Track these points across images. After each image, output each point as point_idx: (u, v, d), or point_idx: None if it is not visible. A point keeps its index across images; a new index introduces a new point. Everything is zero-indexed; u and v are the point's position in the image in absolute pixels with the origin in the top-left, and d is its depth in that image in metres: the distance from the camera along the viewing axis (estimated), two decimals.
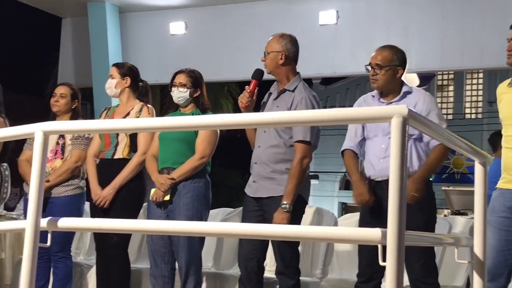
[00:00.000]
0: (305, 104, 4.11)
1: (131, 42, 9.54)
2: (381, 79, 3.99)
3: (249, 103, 4.19)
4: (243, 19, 8.89)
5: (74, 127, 3.12)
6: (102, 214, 4.54)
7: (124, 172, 4.64)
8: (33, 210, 2.62)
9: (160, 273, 4.54)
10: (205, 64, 8.58)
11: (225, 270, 5.35)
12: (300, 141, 4.09)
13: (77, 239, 5.97)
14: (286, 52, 4.20)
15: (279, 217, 3.97)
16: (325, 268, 5.11)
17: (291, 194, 4.00)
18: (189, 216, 4.39)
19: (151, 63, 9.22)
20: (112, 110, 4.95)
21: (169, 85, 4.67)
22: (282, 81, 4.25)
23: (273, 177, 4.14)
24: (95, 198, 4.64)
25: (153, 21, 9.48)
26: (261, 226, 2.76)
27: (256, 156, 4.24)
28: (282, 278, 4.16)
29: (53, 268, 4.97)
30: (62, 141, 4.98)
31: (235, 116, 2.71)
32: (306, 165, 4.08)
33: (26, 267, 2.61)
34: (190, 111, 4.61)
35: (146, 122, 3.14)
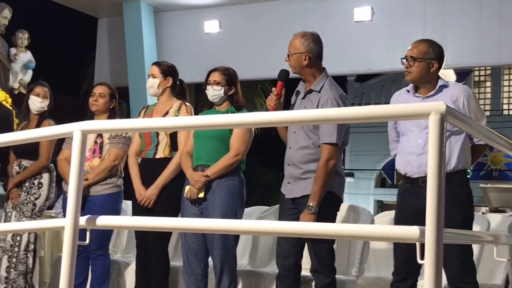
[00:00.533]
0: (330, 104, 4.07)
1: (166, 41, 9.60)
2: (414, 71, 3.93)
3: (277, 105, 4.17)
4: (277, 17, 8.88)
5: (111, 126, 3.15)
6: (145, 213, 4.57)
7: (166, 171, 4.67)
8: (72, 208, 2.66)
9: (193, 271, 4.55)
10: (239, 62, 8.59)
11: (261, 268, 5.35)
12: (327, 143, 4.07)
13: (115, 237, 6.02)
14: (309, 53, 4.15)
15: (305, 218, 3.97)
16: (361, 267, 5.07)
17: (317, 196, 3.99)
18: (223, 214, 4.40)
19: (185, 62, 9.26)
20: (151, 109, 4.97)
21: (203, 83, 4.68)
22: (308, 80, 4.23)
23: (305, 177, 4.13)
24: (140, 198, 4.68)
25: (187, 20, 9.53)
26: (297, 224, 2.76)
27: (288, 157, 4.25)
28: (317, 276, 4.15)
29: (91, 266, 5.02)
30: (100, 140, 5.03)
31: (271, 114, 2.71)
32: (332, 167, 4.05)
33: (66, 264, 2.65)
34: (224, 109, 4.62)
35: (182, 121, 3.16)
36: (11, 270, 5.13)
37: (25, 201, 5.21)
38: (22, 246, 5.17)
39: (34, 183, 5.25)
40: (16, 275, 5.13)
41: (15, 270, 5.13)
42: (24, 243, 5.18)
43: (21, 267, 5.16)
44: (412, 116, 2.18)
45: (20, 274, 5.14)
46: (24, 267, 5.17)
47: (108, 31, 10.23)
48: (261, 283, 5.05)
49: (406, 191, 4.02)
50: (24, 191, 5.24)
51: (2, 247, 5.18)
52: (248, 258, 5.50)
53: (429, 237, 2.02)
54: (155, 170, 4.70)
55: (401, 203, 4.07)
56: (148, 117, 4.88)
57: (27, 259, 5.19)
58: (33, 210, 5.20)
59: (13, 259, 5.15)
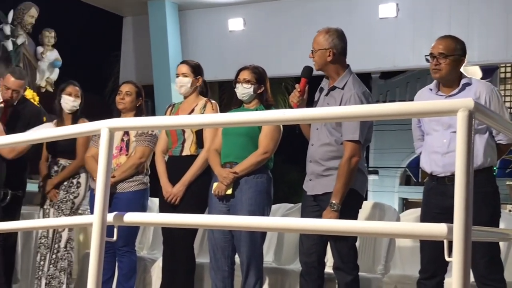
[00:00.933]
0: (353, 101, 4.04)
1: (190, 39, 9.64)
2: (445, 68, 3.87)
3: (300, 102, 4.16)
4: (301, 14, 8.87)
5: (138, 124, 3.17)
6: (172, 210, 4.59)
7: (192, 168, 4.70)
8: (100, 205, 2.68)
9: (220, 268, 4.57)
10: (264, 59, 8.57)
11: (286, 265, 5.35)
12: (349, 140, 4.05)
13: (140, 234, 6.06)
14: (334, 49, 4.13)
15: (327, 216, 3.95)
16: (387, 264, 5.05)
17: (340, 193, 3.98)
18: (251, 211, 4.41)
19: (209, 59, 9.28)
20: (177, 106, 5.00)
21: (233, 81, 4.69)
22: (332, 77, 4.20)
23: (327, 174, 4.12)
24: (166, 195, 4.71)
25: (211, 18, 9.55)
26: (324, 221, 2.76)
27: (310, 154, 4.23)
28: (340, 274, 4.13)
29: (118, 263, 5.06)
30: (126, 137, 5.07)
31: (296, 111, 2.71)
32: (354, 164, 4.03)
33: (94, 260, 2.67)
34: (254, 107, 4.62)
35: (208, 118, 3.18)
36: (51, 266, 5.20)
37: (64, 199, 5.27)
38: (63, 243, 5.23)
39: (73, 182, 5.30)
40: (57, 271, 5.18)
41: (54, 266, 5.19)
42: (64, 239, 5.23)
43: (62, 263, 5.21)
44: (439, 113, 2.16)
45: (62, 270, 5.20)
46: (65, 263, 5.22)
47: (133, 29, 10.30)
48: (286, 280, 5.05)
49: (432, 189, 4.00)
50: (63, 189, 5.28)
51: (44, 244, 5.24)
52: (273, 255, 5.51)
53: (457, 234, 2.00)
54: (181, 168, 4.73)
55: (426, 201, 4.05)
56: (174, 115, 4.91)
57: (68, 256, 5.25)
58: (71, 208, 5.26)
59: (53, 255, 5.21)
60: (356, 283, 4.14)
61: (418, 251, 4.07)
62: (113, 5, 10.02)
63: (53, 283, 5.18)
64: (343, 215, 3.93)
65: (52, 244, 5.23)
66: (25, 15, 8.27)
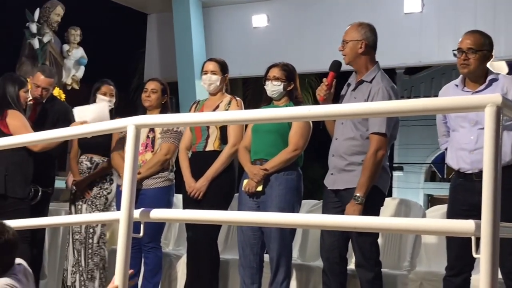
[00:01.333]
0: (381, 95, 4.02)
1: (214, 36, 9.65)
2: (474, 63, 3.84)
3: (327, 95, 4.15)
4: (325, 10, 8.83)
5: (164, 121, 3.19)
6: (195, 206, 4.62)
7: (216, 164, 4.71)
8: (127, 201, 2.71)
9: (249, 264, 4.58)
10: (287, 56, 8.54)
11: (310, 262, 5.35)
12: (375, 133, 4.02)
13: (165, 230, 6.09)
14: (366, 40, 4.13)
15: (351, 209, 3.93)
16: (413, 261, 5.02)
17: (364, 186, 3.95)
18: (280, 208, 4.41)
19: (233, 56, 9.27)
20: (201, 103, 5.02)
21: (263, 78, 4.69)
22: (360, 71, 4.18)
23: (350, 169, 4.10)
24: (189, 190, 4.73)
25: (235, 15, 9.55)
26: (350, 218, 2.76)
27: (334, 148, 4.21)
28: (361, 271, 4.11)
29: (144, 259, 5.10)
30: (152, 134, 5.10)
31: (322, 107, 2.71)
32: (380, 157, 4.01)
33: (120, 256, 2.70)
34: (283, 104, 4.62)
35: (233, 115, 3.19)
36: (88, 261, 5.24)
37: (98, 195, 5.31)
38: (96, 238, 5.27)
39: (106, 178, 5.36)
40: (91, 266, 5.23)
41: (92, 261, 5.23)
42: (97, 235, 5.28)
43: (95, 258, 5.26)
44: (467, 109, 2.15)
45: (95, 266, 5.25)
46: (98, 259, 5.27)
47: (158, 27, 10.33)
48: (311, 276, 5.05)
49: (459, 185, 3.97)
50: (96, 186, 5.33)
51: (79, 240, 5.28)
52: (298, 252, 5.51)
53: (485, 231, 1.99)
54: (205, 163, 4.75)
55: (453, 198, 4.02)
56: (199, 111, 4.92)
57: (101, 251, 5.29)
58: (105, 204, 5.30)
59: (89, 250, 5.26)
60: (378, 280, 4.11)
61: (444, 248, 4.05)
62: (138, 2, 10.06)
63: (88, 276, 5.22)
64: (365, 212, 3.92)
65: (87, 239, 5.28)
66: (51, 13, 8.34)
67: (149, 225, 4.49)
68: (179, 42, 9.45)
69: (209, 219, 2.99)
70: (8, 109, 4.90)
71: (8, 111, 4.87)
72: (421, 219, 4.12)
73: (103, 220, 4.55)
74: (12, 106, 4.92)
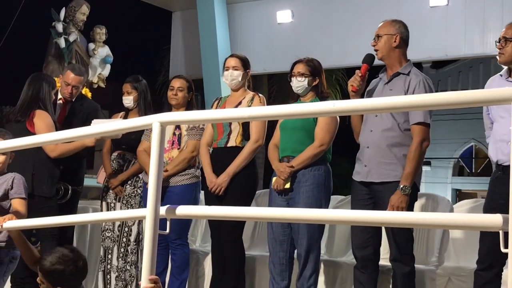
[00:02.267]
0: (423, 87, 4.05)
1: (238, 33, 9.65)
2: (507, 52, 3.86)
3: (360, 86, 4.16)
4: (350, 4, 8.79)
5: (189, 117, 3.19)
6: (217, 202, 4.62)
7: (238, 159, 4.71)
8: (153, 198, 2.71)
9: (278, 261, 4.59)
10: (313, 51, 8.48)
11: (338, 258, 5.33)
12: (419, 123, 4.01)
13: (192, 227, 6.11)
14: (400, 34, 4.15)
15: (398, 199, 3.91)
16: (441, 256, 4.98)
17: (410, 176, 3.95)
18: (308, 204, 4.41)
19: (258, 52, 9.29)
20: (224, 100, 5.02)
21: (288, 75, 4.69)
22: (393, 66, 4.17)
23: (387, 162, 4.07)
24: (210, 186, 4.73)
25: (260, 11, 9.55)
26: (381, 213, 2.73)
27: (369, 140, 4.17)
28: (397, 265, 4.10)
29: (171, 255, 5.11)
30: (178, 132, 5.11)
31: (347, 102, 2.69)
32: (425, 148, 4.04)
33: (147, 253, 2.71)
34: (309, 100, 4.62)
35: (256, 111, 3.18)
36: (119, 259, 5.26)
37: (132, 194, 5.31)
38: (133, 237, 5.30)
39: (139, 176, 5.34)
40: (127, 264, 5.25)
41: (123, 260, 5.25)
42: (134, 233, 5.30)
43: (133, 257, 5.27)
44: (493, 102, 2.12)
45: (132, 264, 5.27)
46: (135, 257, 5.29)
47: (182, 24, 10.37)
48: (339, 272, 5.03)
49: (497, 178, 3.92)
50: (129, 184, 5.32)
51: (110, 237, 5.31)
52: (325, 248, 5.49)
53: None
54: (226, 159, 4.74)
55: (491, 191, 3.99)
56: (221, 108, 4.92)
57: (138, 249, 5.32)
58: (140, 202, 5.32)
59: (121, 249, 5.27)
60: (413, 274, 4.12)
61: (472, 242, 4.01)
62: (162, 0, 10.11)
63: (123, 276, 5.23)
64: None
65: (120, 238, 5.29)
66: (77, 12, 8.41)
67: (176, 222, 4.53)
68: (203, 39, 9.48)
69: (236, 215, 2.99)
70: (37, 109, 4.94)
71: (36, 111, 4.92)
72: (448, 213, 4.09)
73: (130, 217, 4.58)
74: (41, 107, 4.96)
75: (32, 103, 4.96)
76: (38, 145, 4.07)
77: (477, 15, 7.91)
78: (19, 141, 3.62)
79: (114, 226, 5.28)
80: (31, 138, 3.81)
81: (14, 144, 3.70)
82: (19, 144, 3.61)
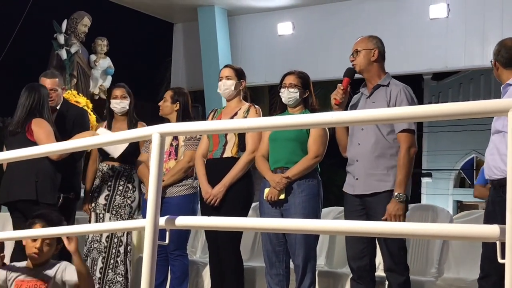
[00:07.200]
0: (404, 94, 4.13)
1: (240, 44, 9.70)
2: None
3: (343, 99, 4.24)
4: (351, 17, 8.83)
5: (189, 128, 3.20)
6: (213, 213, 4.61)
7: (233, 170, 4.71)
8: (152, 209, 2.71)
9: (275, 272, 4.59)
10: (313, 63, 8.59)
11: (338, 269, 5.33)
12: (405, 130, 4.07)
13: (192, 237, 6.11)
14: (378, 49, 4.25)
15: (394, 207, 3.95)
16: (440, 267, 4.99)
17: (403, 183, 4.00)
18: (304, 215, 4.43)
19: (259, 64, 9.33)
20: (219, 111, 5.04)
21: (278, 86, 4.72)
22: (373, 79, 4.27)
23: (376, 173, 4.12)
24: (206, 196, 4.73)
25: (261, 23, 9.59)
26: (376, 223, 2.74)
27: (358, 153, 4.23)
28: (392, 275, 4.12)
29: (171, 266, 5.11)
30: (175, 142, 5.13)
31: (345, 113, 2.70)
32: (413, 155, 4.08)
33: (146, 264, 2.71)
34: (299, 112, 4.64)
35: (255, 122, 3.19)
36: (109, 271, 5.25)
37: (122, 204, 5.31)
38: (123, 248, 5.29)
39: (129, 186, 5.36)
40: (117, 276, 5.24)
41: (113, 272, 5.25)
42: (124, 244, 5.29)
43: (122, 267, 5.28)
44: (488, 113, 2.13)
45: (121, 275, 5.26)
46: (124, 269, 5.29)
47: (184, 36, 10.41)
48: (338, 283, 5.04)
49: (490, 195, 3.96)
50: (119, 194, 5.34)
51: (97, 248, 5.31)
52: (325, 259, 5.50)
53: (510, 236, 1.97)
54: (222, 170, 4.74)
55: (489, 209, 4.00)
56: (216, 119, 4.94)
57: (127, 260, 5.31)
58: (130, 213, 5.32)
59: (111, 260, 5.26)
60: (408, 284, 4.13)
61: (473, 253, 4.01)
62: (164, 12, 10.15)
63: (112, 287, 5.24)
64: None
65: (109, 249, 5.28)
66: (78, 24, 8.45)
67: (175, 232, 4.54)
68: (205, 51, 9.51)
69: (235, 226, 2.99)
70: (36, 117, 4.96)
71: (33, 120, 4.94)
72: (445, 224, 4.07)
73: (129, 228, 4.58)
74: (38, 115, 4.98)
75: (30, 113, 4.98)
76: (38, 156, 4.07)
77: (477, 27, 7.95)
78: (19, 152, 3.62)
79: (101, 237, 5.28)
80: (29, 150, 3.79)
81: (15, 155, 3.71)
82: (20, 155, 3.62)
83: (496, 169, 3.80)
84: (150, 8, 9.95)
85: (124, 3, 9.58)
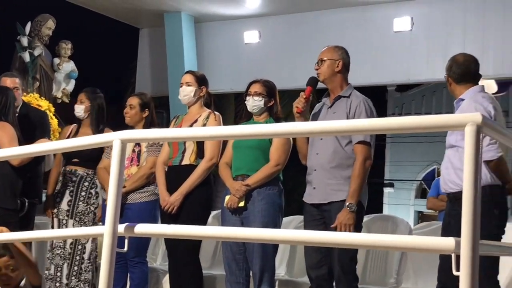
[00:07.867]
0: (363, 106, 4.18)
1: (206, 51, 9.68)
2: None
3: (305, 108, 4.26)
4: (317, 27, 8.89)
5: (150, 135, 3.19)
6: (171, 220, 4.59)
7: (191, 178, 4.70)
8: (111, 216, 2.69)
9: (235, 280, 4.59)
10: (279, 72, 8.61)
11: (298, 278, 5.35)
12: (361, 142, 4.11)
13: (153, 245, 6.08)
14: (343, 60, 4.29)
15: (345, 217, 3.99)
16: (399, 277, 5.04)
17: (356, 194, 4.04)
18: (264, 223, 4.44)
19: (225, 72, 9.33)
20: (180, 118, 5.02)
21: (243, 94, 4.73)
22: (335, 89, 4.32)
23: (333, 182, 4.17)
24: (163, 204, 4.71)
25: (227, 30, 9.59)
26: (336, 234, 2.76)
27: (316, 162, 4.27)
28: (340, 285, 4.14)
29: (130, 273, 5.08)
30: (138, 148, 5.10)
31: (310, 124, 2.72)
32: (368, 166, 4.14)
33: (104, 271, 2.68)
34: (263, 120, 4.66)
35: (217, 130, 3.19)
36: (72, 278, 5.19)
37: (85, 211, 5.27)
38: (87, 255, 5.24)
39: (92, 193, 5.32)
40: (81, 283, 5.18)
41: (76, 278, 5.18)
42: (88, 251, 5.24)
43: (86, 275, 5.21)
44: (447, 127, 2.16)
45: (86, 282, 5.20)
46: (89, 275, 5.22)
47: (150, 41, 10.36)
48: None
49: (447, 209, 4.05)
50: (82, 201, 5.29)
51: (60, 254, 5.24)
52: (285, 268, 5.51)
53: (465, 248, 2.00)
54: (181, 177, 4.73)
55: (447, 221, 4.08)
56: (177, 126, 4.93)
57: (92, 267, 5.25)
58: (93, 219, 5.27)
59: (75, 267, 5.20)
60: None
61: (431, 264, 4.06)
62: (130, 17, 10.08)
63: None
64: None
65: (73, 256, 5.22)
66: (42, 27, 8.35)
67: (135, 240, 4.49)
68: (170, 57, 9.48)
69: (193, 234, 2.98)
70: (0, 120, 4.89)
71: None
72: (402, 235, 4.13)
73: (88, 235, 4.54)
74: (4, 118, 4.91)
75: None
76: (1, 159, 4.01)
77: (439, 42, 8.07)
78: None
79: (65, 243, 5.22)
80: None
81: None
82: None
83: (451, 183, 3.88)
84: (116, 13, 9.88)
85: (90, 7, 9.49)
